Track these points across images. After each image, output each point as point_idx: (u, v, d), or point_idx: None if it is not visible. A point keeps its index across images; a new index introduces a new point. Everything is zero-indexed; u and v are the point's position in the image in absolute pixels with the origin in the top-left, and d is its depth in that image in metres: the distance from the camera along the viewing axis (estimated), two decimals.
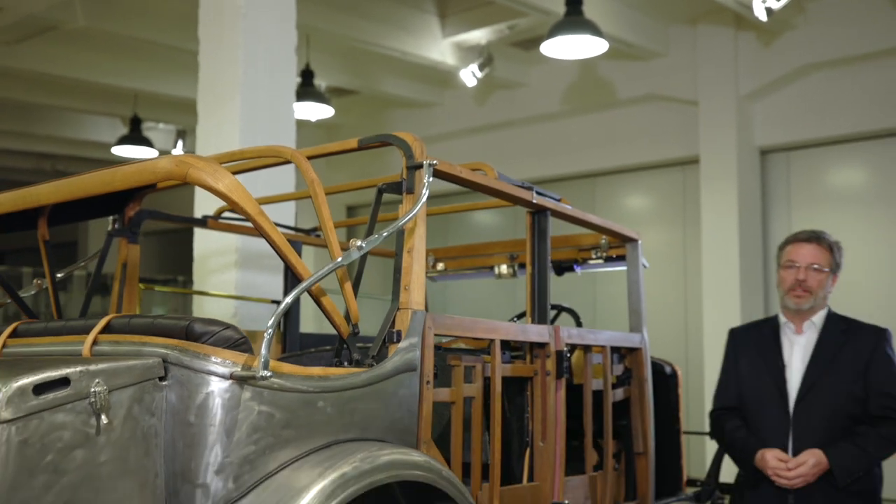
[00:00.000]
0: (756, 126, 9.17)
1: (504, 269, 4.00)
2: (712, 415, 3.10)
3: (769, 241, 9.25)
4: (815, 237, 2.97)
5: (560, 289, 8.80)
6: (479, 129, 10.89)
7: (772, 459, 2.75)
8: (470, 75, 8.63)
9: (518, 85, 10.07)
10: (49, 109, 10.73)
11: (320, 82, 9.11)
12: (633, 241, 3.60)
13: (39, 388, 1.72)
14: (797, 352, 2.86)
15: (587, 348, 3.25)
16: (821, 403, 2.78)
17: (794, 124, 8.97)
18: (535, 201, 2.91)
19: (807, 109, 8.87)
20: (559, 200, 3.11)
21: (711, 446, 4.30)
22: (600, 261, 3.87)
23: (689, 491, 4.03)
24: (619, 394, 3.48)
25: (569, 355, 3.37)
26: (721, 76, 8.96)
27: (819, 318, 2.89)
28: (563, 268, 3.93)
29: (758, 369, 2.90)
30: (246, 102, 4.36)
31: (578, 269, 3.92)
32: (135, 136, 9.89)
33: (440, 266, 4.22)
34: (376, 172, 10.78)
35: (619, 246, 3.70)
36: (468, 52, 8.78)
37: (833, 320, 2.93)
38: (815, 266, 2.90)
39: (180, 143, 10.92)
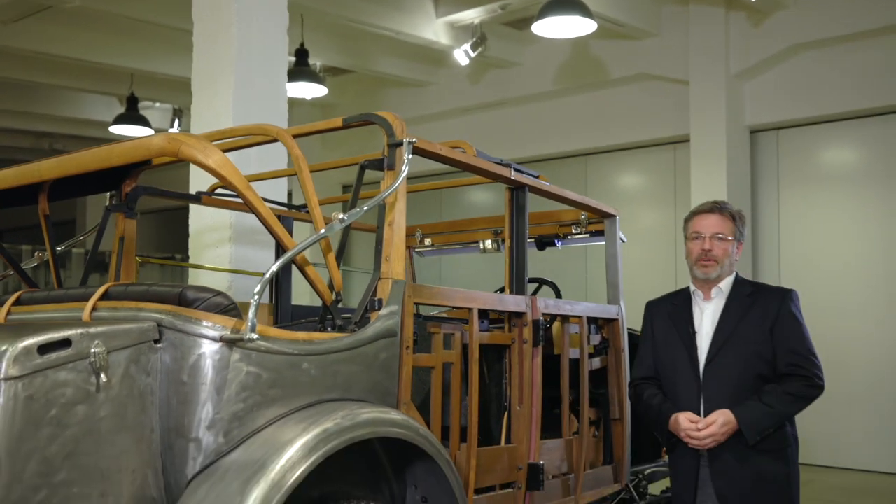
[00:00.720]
0: (746, 105, 9.28)
1: (489, 244, 4.15)
2: (630, 385, 3.17)
3: (758, 219, 9.40)
4: (717, 208, 2.98)
5: (552, 264, 9.00)
6: (473, 108, 11.00)
7: (684, 421, 2.80)
8: (463, 55, 8.72)
9: (511, 64, 10.16)
10: (47, 88, 10.82)
11: (315, 62, 9.20)
12: (611, 216, 3.75)
13: (43, 349, 1.87)
14: (706, 318, 2.91)
15: (565, 319, 3.40)
16: (729, 365, 2.82)
17: (783, 104, 9.08)
18: (512, 177, 3.05)
19: (796, 89, 8.99)
20: (537, 177, 3.24)
21: None
22: (584, 235, 4.02)
23: (668, 458, 4.21)
24: (597, 363, 3.64)
25: (548, 325, 3.53)
26: (712, 56, 9.06)
27: (726, 284, 2.94)
28: (544, 242, 4.08)
29: (670, 338, 2.95)
30: (239, 82, 4.49)
31: (559, 244, 4.06)
32: (132, 114, 9.99)
33: (428, 241, 4.37)
34: (371, 150, 10.91)
35: (597, 221, 3.84)
36: (461, 32, 8.87)
37: (740, 285, 2.96)
38: (720, 235, 2.90)
39: (177, 121, 11.03)
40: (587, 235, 4.04)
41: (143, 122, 10.13)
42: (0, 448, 1.79)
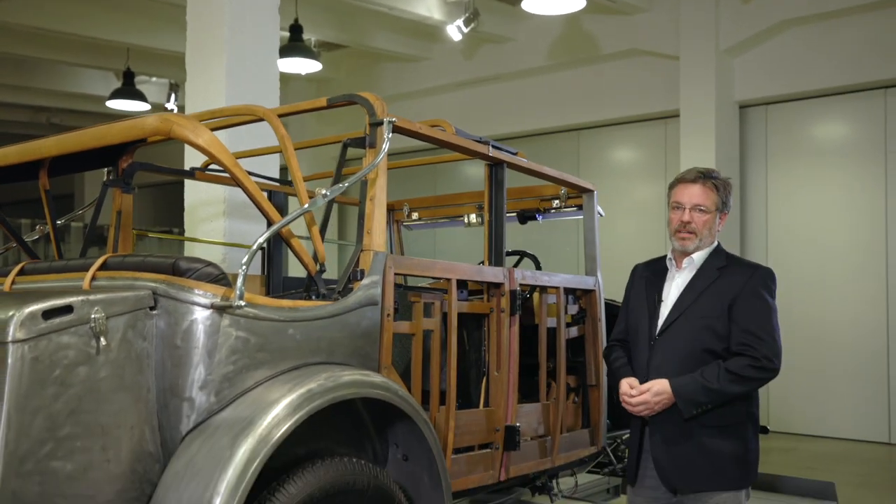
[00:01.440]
0: (735, 81, 9.37)
1: (473, 218, 4.30)
2: (606, 348, 3.15)
3: (746, 193, 9.54)
4: (701, 177, 2.83)
5: (546, 237, 9.10)
6: (466, 83, 11.09)
7: (623, 385, 2.80)
8: (456, 30, 8.80)
9: (504, 40, 10.24)
10: (44, 63, 10.90)
11: (309, 37, 9.29)
12: (589, 191, 3.89)
13: (47, 314, 2.03)
14: (674, 288, 2.85)
15: (543, 289, 3.56)
16: (679, 337, 2.75)
17: (772, 79, 9.18)
18: (490, 154, 3.20)
19: (785, 64, 9.09)
20: (515, 154, 3.39)
21: None
22: (571, 209, 4.15)
23: None
24: (574, 332, 3.80)
25: (528, 296, 3.70)
26: (702, 32, 9.15)
27: (700, 255, 2.83)
28: (526, 216, 4.23)
29: (640, 303, 2.92)
30: (231, 59, 4.62)
31: (540, 218, 4.22)
32: (128, 89, 10.08)
33: (415, 216, 4.53)
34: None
35: (576, 196, 3.99)
36: (454, 7, 8.94)
37: (715, 257, 2.85)
38: (701, 207, 2.79)
39: (173, 96, 11.12)
40: (574, 209, 4.16)
41: (140, 96, 10.23)
42: (10, 405, 1.96)
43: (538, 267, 4.33)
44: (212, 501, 2.08)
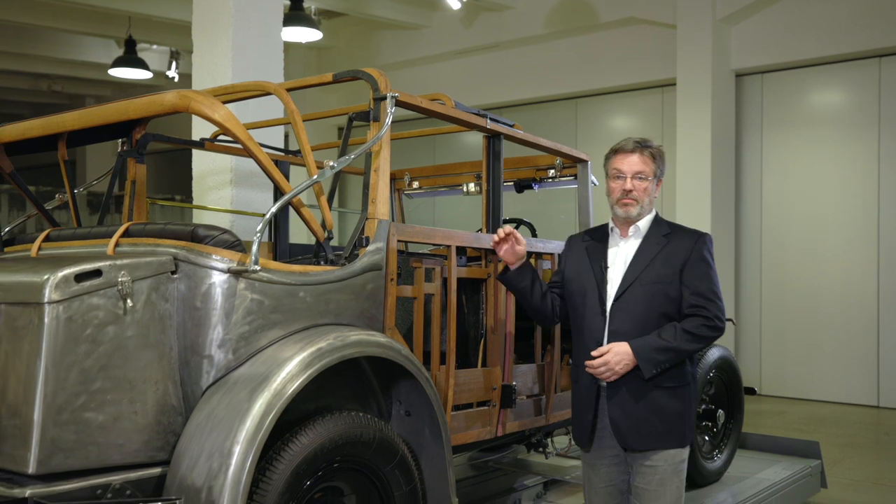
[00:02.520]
0: (732, 49, 9.45)
1: (471, 187, 4.45)
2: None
3: (742, 160, 9.67)
4: (639, 147, 2.91)
5: (542, 206, 9.23)
6: (465, 51, 11.15)
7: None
8: None
9: (503, 8, 10.29)
10: (45, 31, 10.96)
11: (310, 5, 9.35)
12: (583, 161, 4.04)
13: (79, 277, 2.20)
14: (620, 255, 2.92)
15: (538, 255, 3.73)
16: (636, 302, 2.83)
17: (768, 47, 9.27)
18: (488, 126, 3.34)
19: (781, 33, 9.17)
20: (512, 126, 3.53)
21: None
22: (569, 178, 4.30)
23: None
24: None
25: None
26: (699, 0, 9.21)
27: (644, 223, 2.93)
28: (522, 186, 4.38)
29: (583, 270, 2.96)
30: (237, 30, 4.73)
31: (536, 187, 4.37)
32: (130, 57, 10.15)
33: (416, 185, 4.68)
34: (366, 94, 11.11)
35: (571, 166, 4.14)
36: None
37: (658, 225, 2.95)
38: (640, 175, 2.88)
39: (174, 64, 11.19)
40: (569, 178, 4.31)
41: (142, 64, 10.31)
42: (47, 360, 2.13)
43: (534, 234, 4.49)
44: (232, 450, 2.26)
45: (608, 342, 2.83)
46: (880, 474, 6.10)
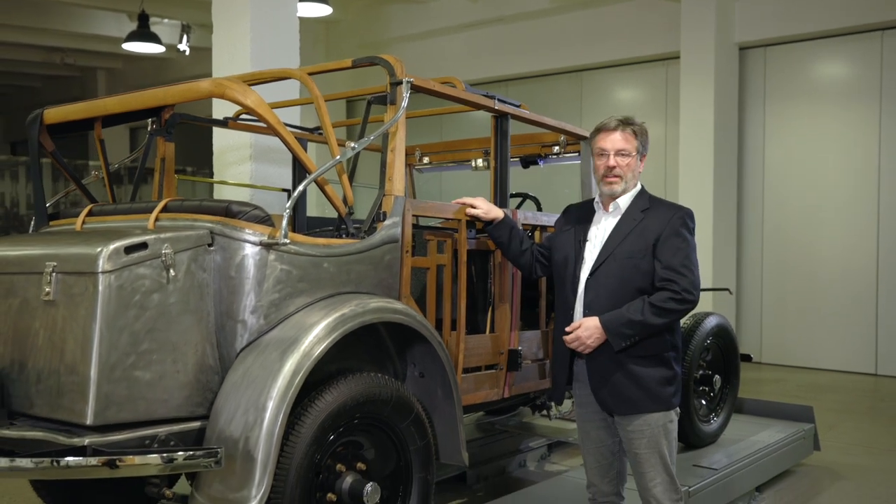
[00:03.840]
0: (735, 23, 9.55)
1: (479, 162, 4.66)
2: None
3: (745, 133, 9.82)
4: (621, 125, 3.00)
5: (548, 181, 9.45)
6: (473, 24, 11.27)
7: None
8: None
9: None
10: (58, 5, 11.12)
11: None
12: (585, 138, 4.24)
13: (128, 249, 2.43)
14: (600, 230, 3.03)
15: (543, 228, 3.95)
16: (610, 276, 2.93)
17: (771, 21, 9.37)
18: (496, 107, 3.55)
19: (784, 6, 9.26)
20: (519, 106, 3.74)
21: None
22: (572, 154, 4.51)
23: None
24: None
25: (530, 235, 4.09)
26: None
27: (625, 199, 3.03)
28: (528, 161, 4.59)
29: (567, 241, 3.10)
30: (255, 10, 4.93)
31: (541, 163, 4.58)
32: (143, 32, 10.30)
33: (426, 160, 4.89)
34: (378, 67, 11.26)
35: (574, 143, 4.35)
36: None
37: (639, 200, 3.04)
38: (623, 152, 2.97)
39: (185, 37, 11.34)
40: (573, 154, 4.51)
41: (155, 38, 10.46)
42: (101, 324, 2.38)
43: (539, 208, 4.71)
44: (266, 405, 2.51)
45: (582, 314, 2.96)
46: (872, 439, 6.32)
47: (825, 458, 5.66)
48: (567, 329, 2.97)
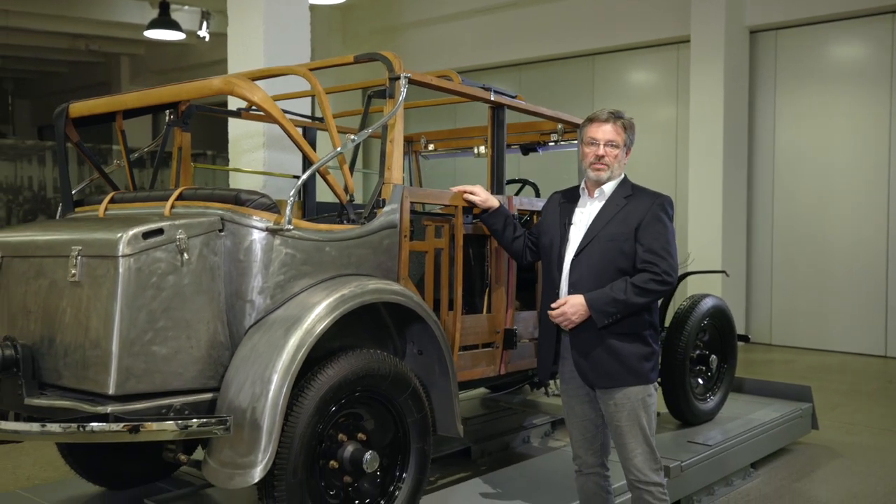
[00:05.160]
0: (746, 6, 9.59)
1: (482, 149, 4.85)
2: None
3: (755, 117, 9.89)
4: (612, 117, 3.16)
5: (548, 167, 9.58)
6: (485, 9, 11.39)
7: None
8: None
9: None
10: None
11: None
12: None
13: (146, 234, 2.65)
14: (584, 215, 3.21)
15: (539, 214, 4.13)
16: (593, 258, 3.11)
17: (783, 4, 9.40)
18: (492, 99, 3.74)
19: None
20: (514, 97, 3.92)
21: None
22: (569, 142, 4.69)
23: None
24: None
25: (528, 219, 4.28)
26: None
27: (610, 186, 3.19)
28: (528, 149, 4.78)
29: (553, 224, 3.28)
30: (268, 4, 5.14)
31: (540, 150, 4.76)
32: (164, 19, 10.55)
33: (431, 147, 5.09)
34: (392, 52, 11.40)
35: (571, 131, 4.52)
36: None
37: (622, 187, 3.21)
38: (613, 143, 3.13)
39: (205, 24, 11.57)
40: (571, 142, 4.69)
41: (175, 26, 10.71)
42: (122, 303, 2.61)
43: (537, 194, 4.89)
44: (271, 377, 2.74)
45: (567, 292, 3.15)
46: (874, 420, 6.44)
47: (824, 436, 5.79)
48: (553, 305, 3.13)
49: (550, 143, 4.68)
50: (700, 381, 5.10)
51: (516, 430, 5.03)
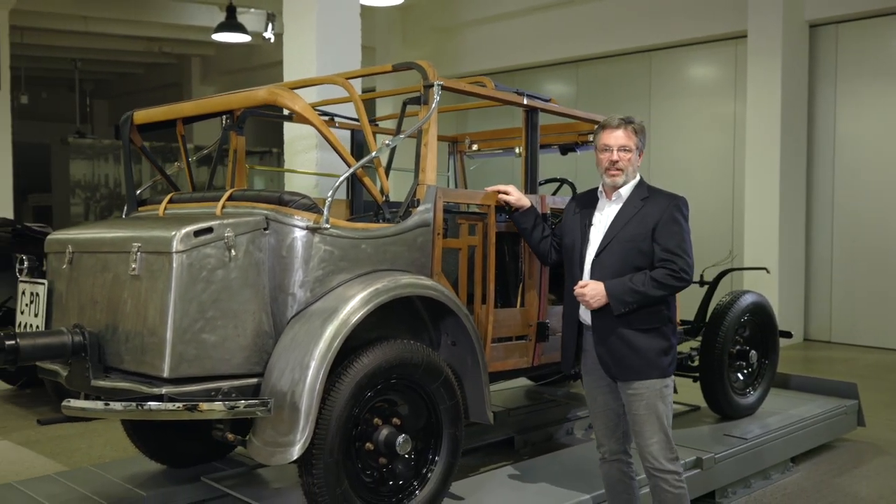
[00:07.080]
0: (805, 0, 9.49)
1: (521, 150, 5.01)
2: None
3: (815, 113, 9.74)
4: (623, 123, 3.30)
5: (590, 167, 9.61)
6: (541, 7, 11.47)
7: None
8: None
9: None
10: (156, 0, 11.98)
11: None
12: None
13: (197, 233, 2.91)
14: (604, 216, 3.37)
15: None
16: (612, 257, 3.27)
17: None
18: (525, 103, 3.91)
19: None
20: (548, 101, 4.09)
21: (701, 294, 5.32)
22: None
23: (681, 328, 5.04)
24: None
25: (561, 218, 4.43)
26: None
27: (626, 189, 3.34)
28: (566, 149, 4.93)
29: (574, 226, 3.45)
30: (322, 9, 5.41)
31: (578, 150, 4.91)
32: (231, 23, 11.00)
33: (475, 147, 5.28)
34: (451, 50, 11.60)
35: None
36: None
37: (639, 189, 3.35)
38: (625, 148, 3.28)
39: (270, 25, 11.99)
40: None
41: (241, 28, 11.15)
42: (175, 295, 2.88)
43: (574, 192, 5.04)
44: (309, 364, 2.97)
45: None
46: None
47: (872, 434, 5.76)
48: (578, 285, 3.31)
49: (588, 143, 4.82)
50: (740, 376, 5.17)
51: (560, 422, 5.19)
